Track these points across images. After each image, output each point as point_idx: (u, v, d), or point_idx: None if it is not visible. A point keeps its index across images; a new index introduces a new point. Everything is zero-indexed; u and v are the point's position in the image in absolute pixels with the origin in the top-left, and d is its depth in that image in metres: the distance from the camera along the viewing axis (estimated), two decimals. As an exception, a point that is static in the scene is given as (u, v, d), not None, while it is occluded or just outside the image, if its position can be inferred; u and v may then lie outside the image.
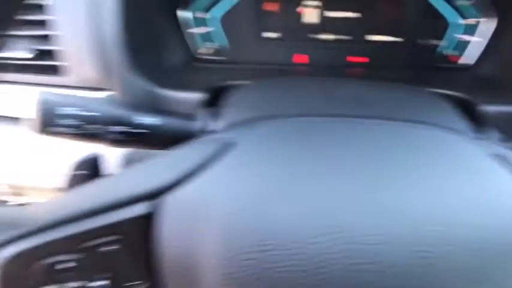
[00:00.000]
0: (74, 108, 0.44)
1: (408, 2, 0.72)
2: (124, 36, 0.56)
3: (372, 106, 0.47)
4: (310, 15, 0.74)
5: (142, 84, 0.58)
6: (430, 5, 0.71)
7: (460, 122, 0.45)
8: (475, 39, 0.71)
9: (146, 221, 0.31)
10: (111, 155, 0.56)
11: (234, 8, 0.74)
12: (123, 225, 0.31)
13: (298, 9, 0.74)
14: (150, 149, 0.50)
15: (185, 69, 0.73)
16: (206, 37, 0.76)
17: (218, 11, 0.75)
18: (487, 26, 0.70)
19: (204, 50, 0.77)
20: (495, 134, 0.47)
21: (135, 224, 0.31)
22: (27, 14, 0.61)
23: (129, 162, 0.58)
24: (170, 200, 0.31)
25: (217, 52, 0.77)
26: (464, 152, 0.35)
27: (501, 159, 0.34)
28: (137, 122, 0.46)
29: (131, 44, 0.58)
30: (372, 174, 0.31)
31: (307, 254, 0.26)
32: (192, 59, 0.77)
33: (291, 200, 0.29)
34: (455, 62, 0.73)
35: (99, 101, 0.46)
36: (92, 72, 0.57)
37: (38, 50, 0.60)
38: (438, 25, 0.72)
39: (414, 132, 0.37)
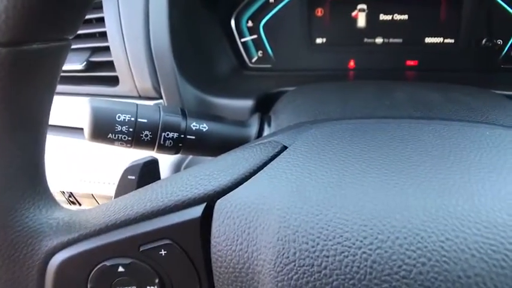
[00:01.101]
0: (126, 115, 0.44)
1: (468, 2, 0.67)
2: (175, 46, 0.56)
3: (432, 108, 0.44)
4: (362, 19, 0.72)
5: (193, 93, 0.58)
6: (495, 3, 0.67)
7: None
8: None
9: (202, 225, 0.30)
10: (165, 161, 0.56)
11: (285, 15, 0.74)
12: (179, 229, 0.30)
13: (351, 13, 0.72)
14: (202, 155, 0.49)
15: (236, 77, 0.73)
16: (257, 45, 0.76)
17: (268, 20, 0.74)
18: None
19: (255, 58, 0.76)
20: None
21: (190, 227, 0.30)
22: (82, 26, 0.64)
23: (180, 169, 0.58)
24: (226, 203, 0.30)
25: (267, 60, 0.76)
26: None
27: None
28: (189, 128, 0.46)
29: (182, 54, 0.58)
30: (438, 177, 0.28)
31: (367, 262, 0.24)
32: (243, 67, 0.76)
33: (350, 204, 0.27)
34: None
35: (151, 108, 0.46)
36: (144, 81, 0.58)
37: (90, 61, 0.62)
38: (504, 24, 0.67)
39: (479, 134, 0.34)
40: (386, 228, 0.24)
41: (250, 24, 0.75)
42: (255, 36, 0.75)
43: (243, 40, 0.76)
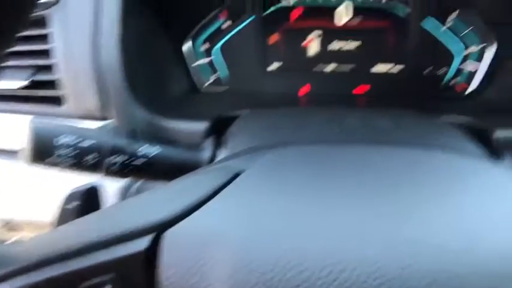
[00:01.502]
0: (70, 137, 0.41)
1: (411, 33, 0.71)
2: (126, 66, 0.54)
3: (383, 133, 0.45)
4: (313, 47, 0.74)
5: (143, 114, 0.56)
6: (434, 36, 0.71)
7: (476, 148, 0.43)
8: (479, 67, 0.71)
9: (149, 258, 0.28)
10: (110, 186, 0.53)
11: (240, 40, 0.74)
12: (123, 263, 0.28)
13: (304, 41, 0.74)
14: (150, 180, 0.47)
15: (189, 99, 0.72)
16: (210, 68, 0.75)
17: (222, 43, 0.74)
18: (489, 52, 0.70)
19: (208, 81, 0.76)
20: (510, 158, 0.46)
21: (136, 261, 0.28)
22: (25, 43, 0.60)
23: (128, 194, 0.55)
24: (175, 234, 0.28)
25: (222, 83, 0.76)
26: (490, 177, 0.32)
27: None
28: (138, 151, 0.44)
29: (133, 74, 0.56)
30: (390, 203, 0.28)
31: None
32: (196, 89, 0.75)
33: (307, 234, 0.26)
34: (462, 91, 0.72)
35: (97, 130, 0.43)
36: (91, 101, 0.55)
37: (35, 79, 0.58)
38: (443, 55, 0.71)
39: (432, 157, 0.35)
40: (344, 258, 0.24)
41: (205, 47, 0.75)
42: (209, 59, 0.75)
43: (197, 63, 0.75)
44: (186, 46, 0.74)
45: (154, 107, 0.58)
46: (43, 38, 0.59)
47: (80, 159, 0.41)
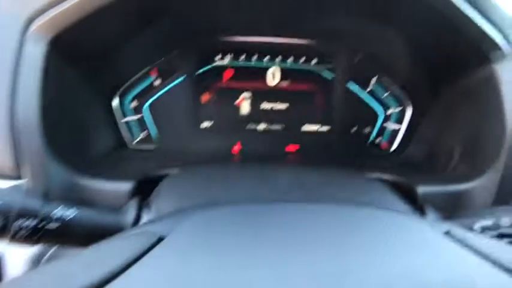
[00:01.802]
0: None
1: (337, 95, 0.76)
2: (46, 121, 0.51)
3: (313, 190, 0.45)
4: (245, 107, 0.75)
5: (63, 174, 0.52)
6: (359, 97, 0.76)
7: (402, 204, 0.45)
8: (400, 127, 0.76)
9: None
10: (18, 254, 0.47)
11: (171, 98, 0.74)
12: None
13: (236, 101, 0.75)
14: (66, 246, 0.42)
15: (116, 158, 0.69)
16: (141, 126, 0.73)
17: (153, 101, 0.73)
18: (407, 114, 0.76)
19: (138, 138, 0.73)
20: (433, 212, 0.48)
21: None
22: None
23: (41, 264, 0.49)
24: None
25: (151, 141, 0.74)
26: (417, 231, 0.33)
27: (450, 236, 0.33)
28: (51, 214, 0.40)
29: (54, 131, 0.52)
30: (326, 262, 0.27)
31: None
32: (125, 147, 0.72)
33: None
34: (386, 149, 0.77)
35: (5, 189, 0.39)
36: (4, 159, 0.50)
37: None
38: (368, 115, 0.76)
39: (358, 215, 0.36)
40: None
41: (134, 104, 0.73)
42: (138, 116, 0.73)
43: (125, 119, 0.73)
44: (115, 103, 0.72)
45: (77, 166, 0.54)
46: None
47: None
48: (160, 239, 0.31)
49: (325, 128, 0.77)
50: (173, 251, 0.29)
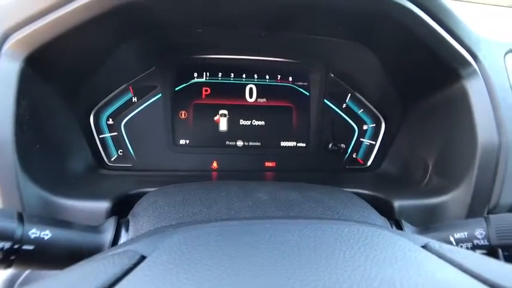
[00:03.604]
0: None
1: (313, 111, 0.77)
2: (20, 140, 0.49)
3: (293, 207, 0.46)
4: (224, 123, 0.76)
5: (37, 193, 0.50)
6: (337, 114, 0.77)
7: (379, 217, 0.46)
8: (374, 143, 0.78)
9: None
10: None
11: (148, 115, 0.73)
12: None
13: (214, 118, 0.75)
14: (43, 268, 0.41)
15: (93, 176, 0.67)
16: (117, 143, 0.72)
17: (130, 118, 0.73)
18: (381, 130, 0.78)
19: (115, 156, 0.72)
20: (409, 226, 0.49)
21: None
22: None
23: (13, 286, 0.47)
24: None
25: (128, 159, 0.73)
26: (396, 245, 0.34)
27: (428, 248, 0.33)
28: (26, 236, 0.38)
29: (28, 149, 0.51)
30: (308, 279, 0.27)
31: None
32: (101, 165, 0.71)
33: None
34: (362, 164, 0.78)
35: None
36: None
37: None
38: (345, 131, 0.78)
39: (339, 229, 0.36)
40: None
41: (110, 121, 0.72)
42: (114, 134, 0.72)
43: (101, 136, 0.72)
44: (91, 120, 0.71)
45: (51, 185, 0.53)
46: None
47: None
48: (142, 258, 0.30)
49: (302, 144, 0.78)
50: (156, 270, 0.28)
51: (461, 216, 0.56)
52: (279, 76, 0.77)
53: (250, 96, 0.76)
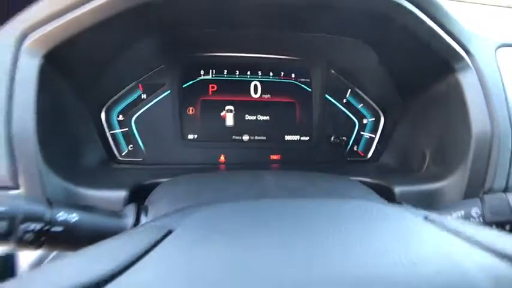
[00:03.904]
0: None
1: (316, 106, 0.80)
2: (41, 132, 0.52)
3: (298, 190, 0.49)
4: (230, 118, 0.79)
5: (59, 183, 0.53)
6: (338, 108, 0.81)
7: (380, 199, 0.49)
8: (374, 136, 0.82)
9: None
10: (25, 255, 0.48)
11: (157, 111, 0.76)
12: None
13: (220, 113, 0.78)
14: (70, 249, 0.44)
15: (106, 169, 0.70)
16: (128, 139, 0.75)
17: (140, 114, 0.76)
18: (380, 124, 0.82)
19: (126, 151, 0.75)
20: (409, 206, 0.52)
21: None
22: None
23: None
24: None
25: (138, 153, 0.76)
26: (399, 217, 0.37)
27: (429, 220, 0.36)
28: (55, 218, 0.41)
29: (49, 142, 0.54)
30: (313, 246, 0.30)
31: None
32: (113, 159, 0.74)
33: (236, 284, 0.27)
34: (363, 156, 0.81)
35: (9, 196, 0.40)
36: (1, 169, 0.51)
37: None
38: (346, 124, 0.81)
39: (344, 206, 0.39)
40: None
41: (121, 118, 0.75)
42: (125, 130, 0.75)
43: (112, 132, 0.75)
44: (103, 116, 0.74)
45: (71, 175, 0.56)
46: None
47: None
48: (169, 232, 0.33)
49: (305, 138, 0.81)
50: (183, 243, 0.31)
51: (458, 200, 0.60)
52: (282, 73, 0.80)
53: (255, 93, 0.80)
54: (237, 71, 0.79)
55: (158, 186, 0.55)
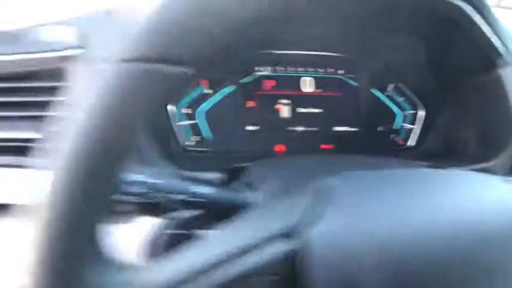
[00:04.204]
0: (140, 176, 0.43)
1: (362, 99, 0.88)
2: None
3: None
4: (284, 111, 0.86)
5: (167, 166, 0.59)
6: (380, 100, 0.89)
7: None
8: (414, 127, 0.90)
9: (291, 260, 0.33)
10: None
11: (219, 104, 0.82)
12: (269, 266, 0.32)
13: (275, 106, 0.85)
14: (205, 223, 0.49)
15: (173, 158, 0.75)
16: (193, 130, 0.81)
17: (204, 107, 0.82)
18: (420, 116, 0.90)
19: (191, 141, 0.81)
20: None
21: (282, 263, 0.32)
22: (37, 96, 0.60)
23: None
24: (314, 236, 0.33)
25: (202, 143, 0.81)
26: (478, 179, 0.44)
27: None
28: (196, 191, 0.47)
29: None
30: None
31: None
32: (179, 149, 0.79)
33: (409, 222, 0.34)
34: (403, 145, 0.90)
35: (158, 171, 0.46)
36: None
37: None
38: (388, 116, 0.89)
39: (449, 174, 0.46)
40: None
41: (187, 111, 0.81)
42: (192, 122, 0.81)
43: (178, 124, 0.80)
44: (170, 109, 0.80)
45: (170, 160, 0.61)
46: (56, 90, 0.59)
47: (148, 197, 0.43)
48: (335, 189, 0.38)
49: (354, 129, 0.89)
50: (355, 192, 0.37)
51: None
52: (331, 69, 0.88)
53: (307, 87, 0.87)
54: (289, 67, 0.86)
55: (249, 167, 0.60)
